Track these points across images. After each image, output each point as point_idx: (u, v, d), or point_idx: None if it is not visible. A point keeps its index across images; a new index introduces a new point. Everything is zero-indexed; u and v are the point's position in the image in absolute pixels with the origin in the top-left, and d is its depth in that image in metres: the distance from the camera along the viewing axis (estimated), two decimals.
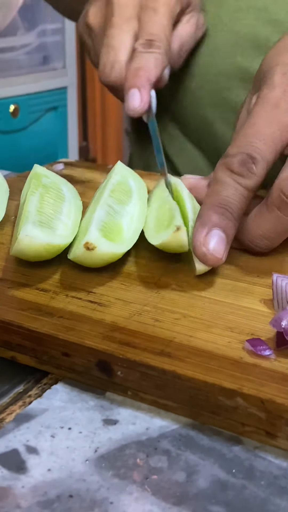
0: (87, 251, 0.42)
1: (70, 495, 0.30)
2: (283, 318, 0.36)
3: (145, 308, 0.41)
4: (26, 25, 1.73)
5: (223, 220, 0.44)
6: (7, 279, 0.44)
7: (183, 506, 0.30)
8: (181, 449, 0.33)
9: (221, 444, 0.34)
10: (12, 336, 0.39)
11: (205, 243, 0.43)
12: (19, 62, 1.72)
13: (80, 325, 0.39)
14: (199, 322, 0.39)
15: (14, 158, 1.68)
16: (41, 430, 0.34)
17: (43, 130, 1.77)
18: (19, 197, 0.59)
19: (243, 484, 0.31)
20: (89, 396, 0.37)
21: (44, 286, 0.43)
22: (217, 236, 0.44)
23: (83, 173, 0.67)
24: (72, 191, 0.55)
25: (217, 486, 0.31)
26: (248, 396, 0.33)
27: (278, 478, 0.31)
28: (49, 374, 0.39)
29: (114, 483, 0.31)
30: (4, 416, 0.35)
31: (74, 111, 1.87)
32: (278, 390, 0.33)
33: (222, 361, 0.35)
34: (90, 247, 0.42)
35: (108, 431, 0.34)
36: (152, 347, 0.36)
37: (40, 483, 0.31)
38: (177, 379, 0.34)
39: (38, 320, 0.39)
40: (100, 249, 0.42)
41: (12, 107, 1.66)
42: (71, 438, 0.34)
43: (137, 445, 0.33)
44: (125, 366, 0.36)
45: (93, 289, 0.43)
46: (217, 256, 0.43)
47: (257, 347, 0.36)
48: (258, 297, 0.42)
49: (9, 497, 0.30)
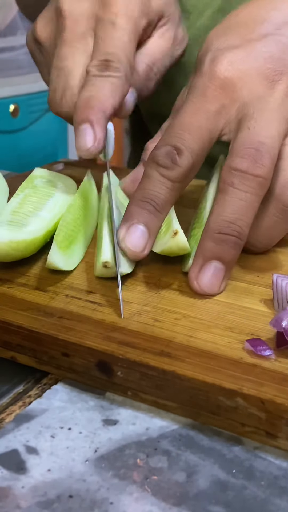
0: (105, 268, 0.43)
1: (70, 495, 0.30)
2: (283, 318, 0.36)
3: (145, 308, 0.41)
4: (26, 25, 1.72)
5: (145, 214, 0.44)
6: (7, 279, 0.44)
7: (183, 506, 0.30)
8: (181, 449, 0.33)
9: (221, 444, 0.34)
10: (12, 336, 0.39)
11: (124, 239, 0.43)
12: (19, 62, 1.71)
13: (80, 325, 0.39)
14: (199, 322, 0.39)
15: (14, 158, 1.67)
16: (41, 430, 0.34)
17: (43, 130, 1.77)
18: None
19: (243, 484, 0.31)
20: (89, 396, 0.37)
21: (44, 286, 0.43)
22: (138, 231, 0.43)
23: (83, 173, 0.67)
24: (71, 186, 0.55)
25: (217, 486, 0.31)
26: (248, 396, 0.33)
27: (278, 478, 0.31)
28: (49, 374, 0.39)
29: (114, 483, 0.31)
30: (4, 416, 0.35)
31: None
32: (278, 390, 0.33)
33: (222, 361, 0.35)
34: (107, 265, 0.43)
35: (108, 431, 0.34)
36: (152, 347, 0.36)
37: (40, 483, 0.31)
38: (177, 379, 0.34)
39: (38, 320, 0.39)
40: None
41: (12, 107, 1.66)
42: (71, 438, 0.34)
43: (137, 445, 0.33)
44: (125, 366, 0.36)
45: (93, 289, 0.43)
46: (135, 250, 0.43)
47: (257, 347, 0.36)
48: (258, 297, 0.42)
49: (9, 497, 0.30)
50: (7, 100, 1.65)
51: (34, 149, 1.73)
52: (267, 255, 0.48)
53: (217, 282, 0.43)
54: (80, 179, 0.63)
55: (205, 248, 0.43)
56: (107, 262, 0.43)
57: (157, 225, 0.44)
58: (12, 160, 1.66)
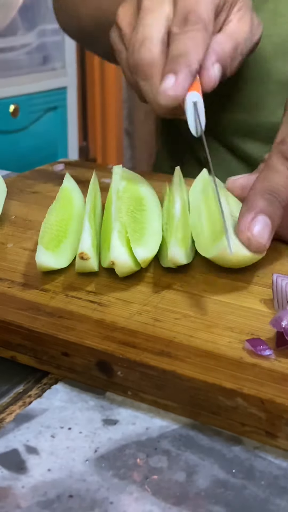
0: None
1: (70, 495, 0.30)
2: (283, 318, 0.36)
3: (145, 308, 0.41)
4: (26, 25, 1.72)
5: (270, 206, 0.44)
6: (7, 279, 0.44)
7: (183, 506, 0.30)
8: (181, 449, 0.33)
9: (221, 444, 0.34)
10: (12, 336, 0.39)
11: (249, 228, 0.43)
12: (19, 62, 1.71)
13: (80, 325, 0.39)
14: (199, 322, 0.39)
15: (14, 158, 1.68)
16: (41, 430, 0.34)
17: (43, 130, 1.77)
18: (19, 197, 0.59)
19: (243, 484, 0.31)
20: (89, 396, 0.37)
21: (44, 286, 0.43)
22: (262, 221, 0.43)
23: (83, 173, 0.67)
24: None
25: (217, 486, 0.31)
26: (248, 396, 0.33)
27: (278, 478, 0.31)
28: (49, 374, 0.39)
29: (114, 483, 0.31)
30: (4, 416, 0.35)
31: (74, 111, 1.87)
32: (278, 390, 0.33)
33: (222, 361, 0.35)
34: (84, 257, 0.43)
35: (108, 431, 0.34)
36: (152, 347, 0.36)
37: (40, 483, 0.31)
38: (177, 379, 0.34)
39: (38, 320, 0.39)
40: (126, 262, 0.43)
41: (12, 107, 1.66)
42: (71, 438, 0.34)
43: (137, 445, 0.33)
44: (125, 366, 0.36)
45: (93, 289, 0.43)
46: (260, 241, 0.43)
47: (257, 347, 0.36)
48: (258, 297, 0.42)
49: (9, 497, 0.30)
50: (7, 100, 1.65)
51: (34, 149, 1.73)
52: (267, 255, 0.48)
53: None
54: (80, 179, 0.63)
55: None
56: (84, 253, 0.42)
57: (278, 220, 0.44)
58: (12, 160, 1.66)
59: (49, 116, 1.79)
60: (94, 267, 0.44)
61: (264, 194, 0.44)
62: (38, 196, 0.61)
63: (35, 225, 0.53)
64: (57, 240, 0.46)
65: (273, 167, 0.45)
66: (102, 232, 0.49)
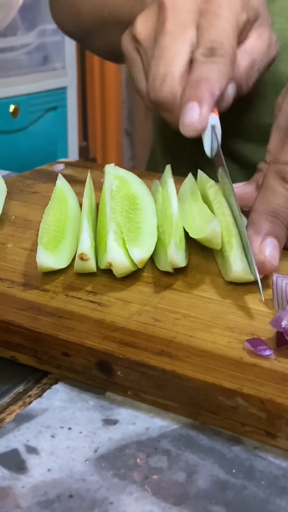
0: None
1: (70, 495, 0.30)
2: (283, 318, 0.36)
3: (145, 308, 0.41)
4: (26, 25, 1.73)
5: (275, 228, 0.45)
6: (7, 279, 0.44)
7: (183, 506, 0.30)
8: (181, 449, 0.33)
9: (221, 444, 0.34)
10: (12, 335, 0.39)
11: (261, 251, 0.43)
12: (19, 62, 1.72)
13: (80, 325, 0.39)
14: (199, 322, 0.39)
15: (14, 158, 1.68)
16: (41, 430, 0.34)
17: (43, 130, 1.77)
18: (19, 197, 0.59)
19: (243, 484, 0.31)
20: (89, 396, 0.37)
21: (44, 286, 0.43)
22: (271, 243, 0.44)
23: (83, 173, 0.67)
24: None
25: (217, 486, 0.31)
26: (248, 396, 0.33)
27: (278, 478, 0.31)
28: (49, 374, 0.39)
29: (114, 483, 0.31)
30: (4, 416, 0.35)
31: (74, 111, 1.87)
32: (278, 390, 0.33)
33: (222, 361, 0.35)
34: (84, 257, 0.43)
35: (108, 431, 0.34)
36: (152, 347, 0.36)
37: (40, 483, 0.31)
38: (177, 379, 0.34)
39: (38, 320, 0.39)
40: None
41: (12, 107, 1.66)
42: (71, 438, 0.34)
43: (137, 445, 0.33)
44: (125, 366, 0.36)
45: (93, 289, 0.43)
46: (273, 263, 0.43)
47: (257, 347, 0.36)
48: (258, 297, 0.42)
49: (9, 497, 0.30)
50: (7, 100, 1.65)
51: (34, 149, 1.73)
52: None
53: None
54: (80, 179, 0.63)
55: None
56: (84, 254, 0.43)
57: (284, 240, 0.46)
58: (12, 160, 1.66)
59: (49, 116, 1.79)
60: (93, 267, 0.44)
61: (268, 216, 0.45)
62: (38, 196, 0.61)
63: (35, 225, 0.53)
64: (55, 241, 0.46)
65: (271, 188, 0.46)
66: (97, 232, 0.49)
